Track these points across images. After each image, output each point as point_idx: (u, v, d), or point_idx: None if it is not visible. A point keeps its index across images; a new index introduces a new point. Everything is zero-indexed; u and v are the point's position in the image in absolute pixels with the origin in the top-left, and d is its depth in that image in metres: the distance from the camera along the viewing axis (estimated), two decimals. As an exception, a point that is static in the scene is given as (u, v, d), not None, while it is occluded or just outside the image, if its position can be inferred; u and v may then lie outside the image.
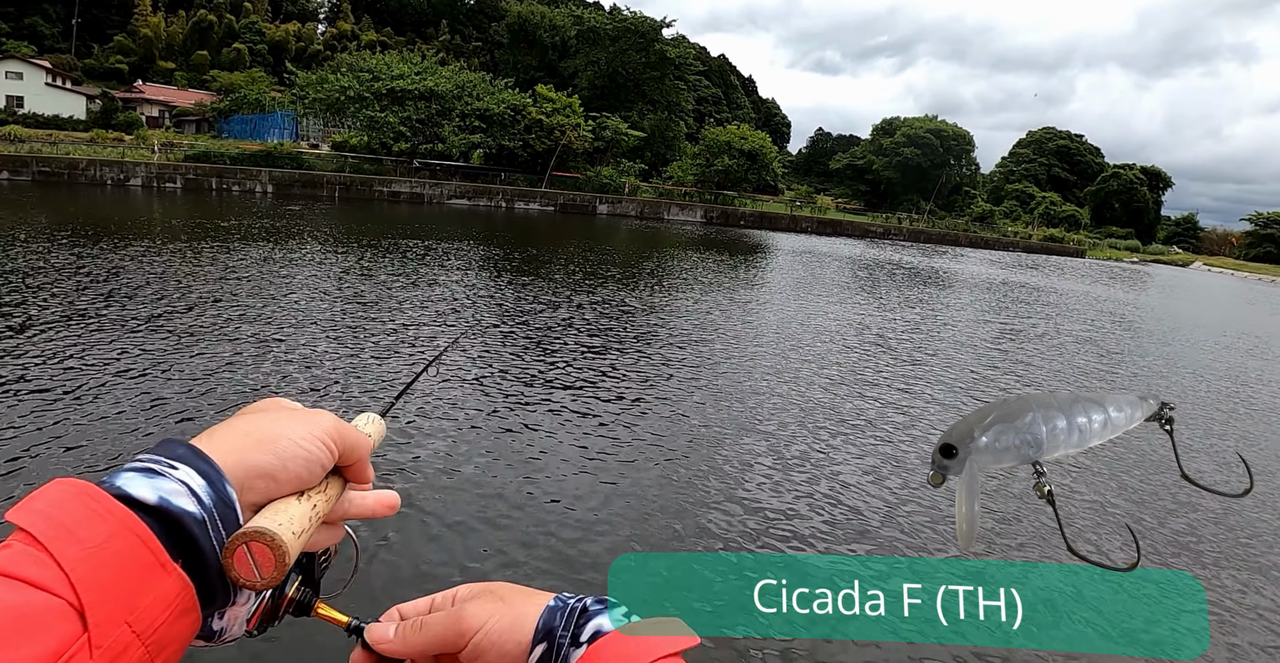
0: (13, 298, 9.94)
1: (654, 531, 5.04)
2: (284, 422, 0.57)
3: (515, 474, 5.72)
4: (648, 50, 67.92)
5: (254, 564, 0.49)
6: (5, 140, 40.33)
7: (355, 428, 0.64)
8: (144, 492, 0.47)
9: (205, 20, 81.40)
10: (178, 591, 0.45)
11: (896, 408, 8.67)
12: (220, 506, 0.49)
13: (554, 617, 0.57)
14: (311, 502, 0.57)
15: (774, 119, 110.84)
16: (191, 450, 0.51)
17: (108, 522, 0.43)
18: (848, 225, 62.76)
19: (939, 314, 17.66)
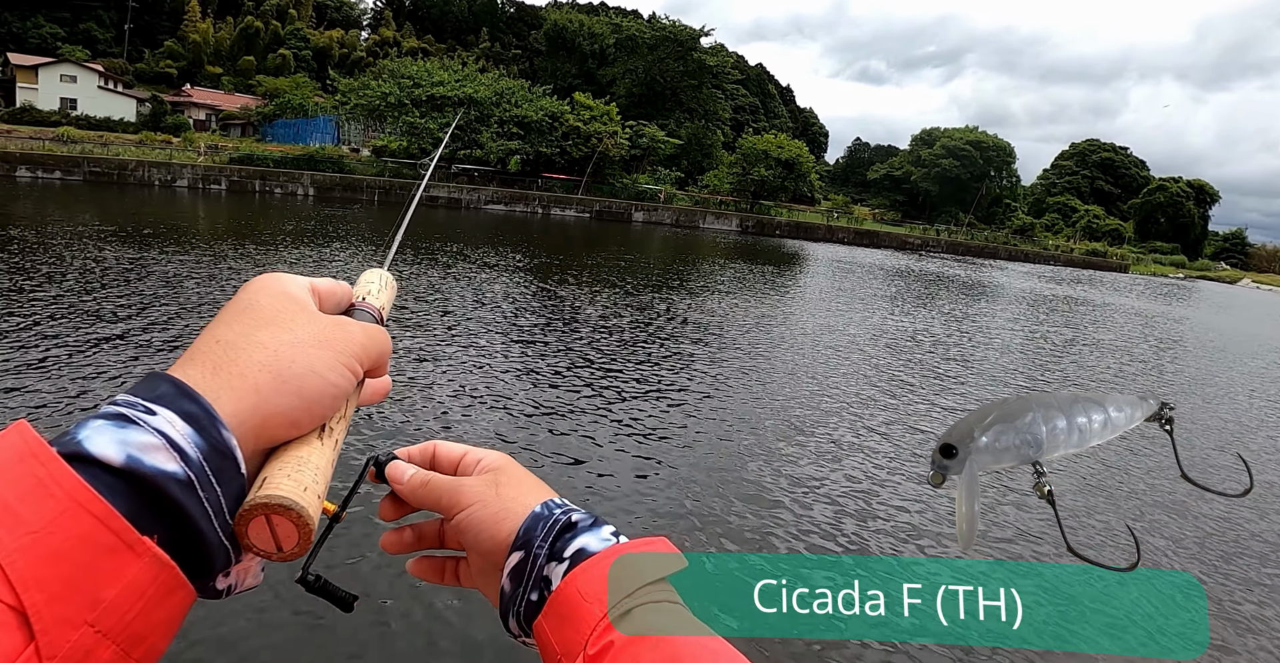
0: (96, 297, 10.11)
1: (685, 529, 4.92)
2: (305, 345, 0.48)
3: (550, 471, 5.63)
4: (686, 58, 68.00)
5: (274, 537, 0.44)
6: (59, 141, 41.45)
7: (378, 327, 0.56)
8: (108, 449, 0.38)
9: (252, 26, 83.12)
10: (153, 574, 0.37)
11: (937, 416, 8.44)
12: (213, 456, 0.41)
13: (536, 525, 0.54)
14: (334, 437, 0.51)
15: (811, 128, 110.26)
16: (174, 387, 0.42)
17: (56, 497, 0.35)
18: (884, 236, 62.14)
19: (980, 325, 17.32)
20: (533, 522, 0.54)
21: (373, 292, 0.64)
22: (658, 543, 0.54)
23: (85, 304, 9.72)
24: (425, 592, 3.89)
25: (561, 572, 0.52)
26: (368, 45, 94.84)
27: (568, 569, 0.52)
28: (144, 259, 13.65)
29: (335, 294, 0.58)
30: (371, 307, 0.61)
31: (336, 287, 0.58)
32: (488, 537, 0.55)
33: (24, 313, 8.91)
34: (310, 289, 0.54)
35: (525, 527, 0.54)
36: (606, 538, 0.54)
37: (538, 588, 0.52)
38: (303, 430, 0.48)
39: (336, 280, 0.59)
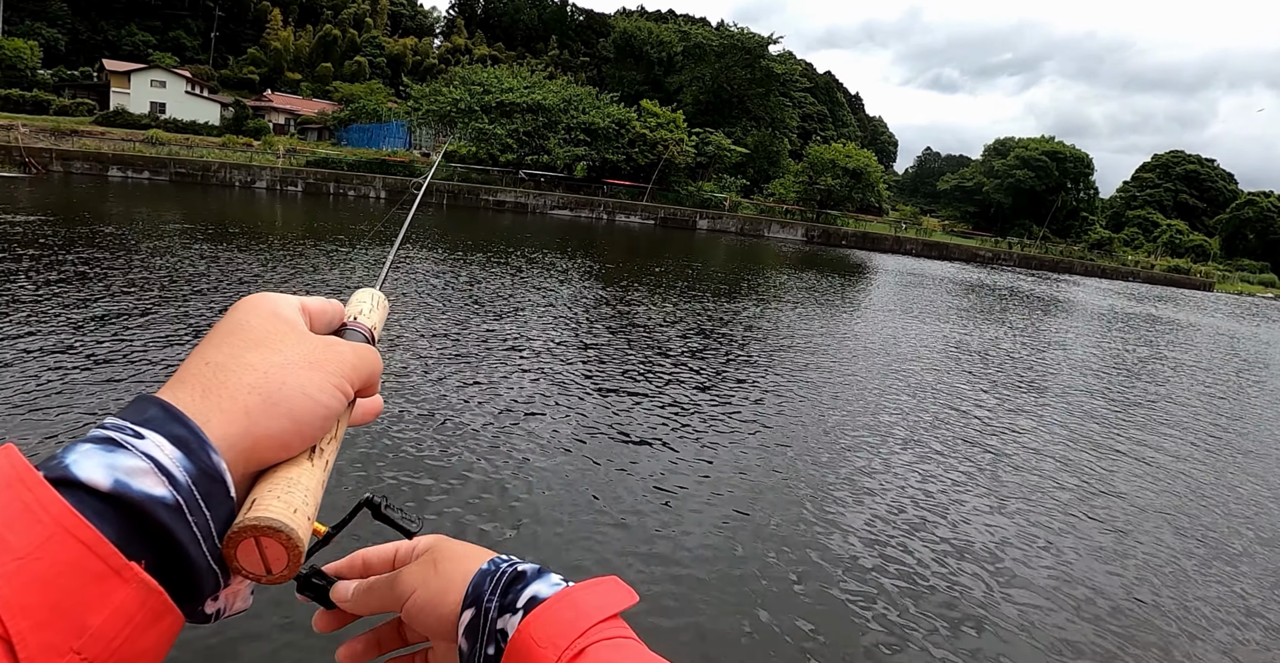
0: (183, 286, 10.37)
1: (750, 556, 4.67)
2: (295, 366, 0.48)
3: (605, 475, 5.44)
4: (753, 66, 67.63)
5: (264, 559, 0.43)
6: (148, 143, 43.21)
7: (368, 347, 0.55)
8: (95, 474, 0.37)
9: (330, 34, 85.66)
10: (140, 600, 0.36)
11: (1011, 436, 8.01)
12: (202, 479, 0.40)
13: (484, 581, 0.54)
14: (324, 459, 0.50)
15: (880, 137, 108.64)
16: (163, 410, 0.42)
17: (43, 522, 0.34)
18: (954, 248, 60.63)
19: (1053, 341, 16.61)
20: (480, 579, 0.55)
21: (364, 311, 0.63)
22: (607, 583, 0.54)
23: (172, 298, 9.95)
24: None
25: (516, 622, 0.51)
26: (440, 52, 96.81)
27: (521, 618, 0.51)
28: (229, 255, 13.99)
29: (326, 313, 0.57)
30: (363, 326, 0.61)
31: (328, 306, 0.58)
32: (436, 615, 0.54)
33: (117, 305, 9.15)
34: (301, 309, 0.54)
35: (474, 584, 0.54)
36: (556, 583, 0.54)
37: (494, 641, 0.52)
38: (293, 452, 0.47)
39: (328, 299, 0.59)
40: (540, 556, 4.37)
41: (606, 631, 0.50)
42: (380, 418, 6.20)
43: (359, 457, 5.38)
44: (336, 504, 0.51)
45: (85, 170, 37.56)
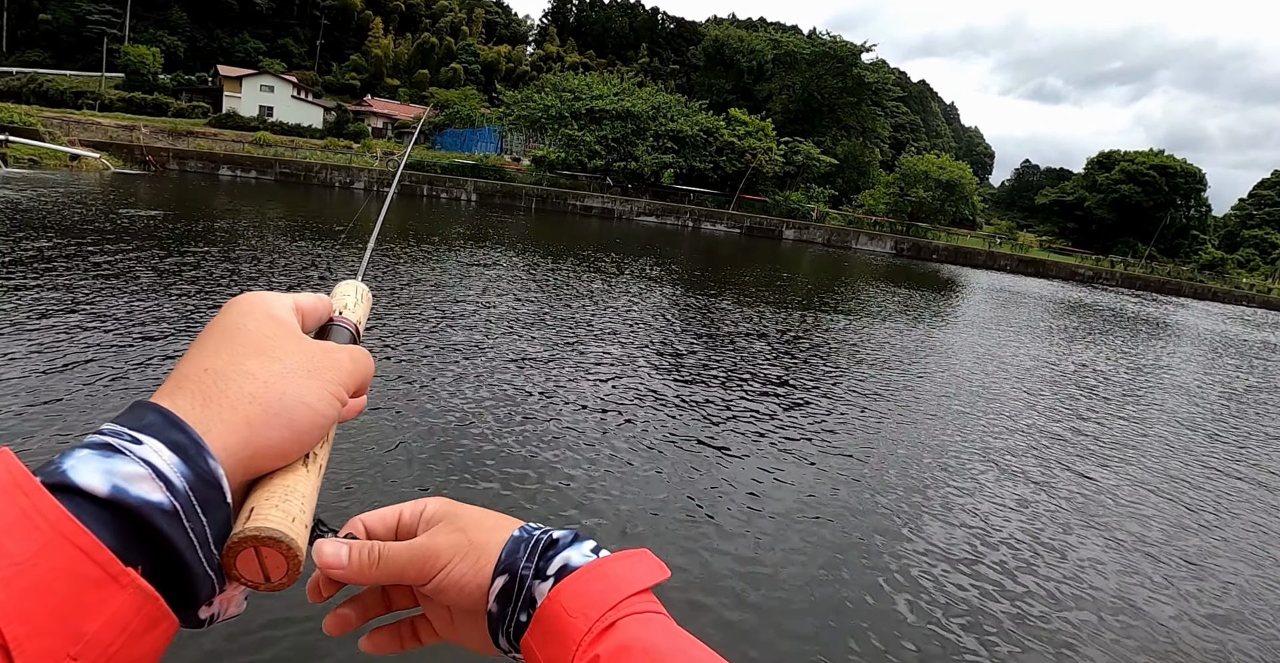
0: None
1: (825, 577, 4.31)
2: (294, 375, 0.48)
3: (688, 477, 5.17)
4: (845, 75, 66.43)
5: (263, 568, 0.43)
6: (256, 145, 45.21)
7: (361, 350, 0.56)
8: (93, 480, 0.37)
9: (428, 42, 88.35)
10: (137, 606, 0.36)
11: (1112, 465, 7.38)
12: (200, 485, 0.40)
13: (518, 548, 0.54)
14: (319, 464, 0.50)
15: (976, 149, 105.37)
16: (161, 416, 0.42)
17: (40, 528, 0.34)
18: (1052, 266, 58.04)
19: (1160, 365, 15.53)
20: (514, 545, 0.54)
21: (349, 305, 0.63)
22: (640, 555, 0.54)
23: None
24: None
25: (546, 589, 0.51)
26: (532, 60, 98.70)
27: (552, 586, 0.51)
28: (333, 253, 14.33)
29: (317, 310, 0.58)
30: (348, 321, 0.61)
31: (318, 302, 0.58)
32: (475, 587, 0.53)
33: (222, 297, 9.38)
34: (294, 309, 0.54)
35: (506, 551, 0.54)
36: (588, 553, 0.54)
37: (526, 608, 0.52)
38: (290, 460, 0.47)
39: (318, 296, 0.59)
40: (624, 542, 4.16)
41: (638, 604, 0.50)
42: (462, 411, 6.17)
43: (435, 453, 5.27)
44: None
45: (198, 169, 39.52)
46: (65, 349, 6.50)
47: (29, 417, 5.02)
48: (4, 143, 28.81)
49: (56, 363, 6.12)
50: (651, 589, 0.52)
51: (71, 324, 7.30)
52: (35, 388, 5.51)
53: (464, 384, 7.02)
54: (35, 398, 5.32)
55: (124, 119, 46.36)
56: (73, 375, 5.88)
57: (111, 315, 7.83)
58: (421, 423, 5.88)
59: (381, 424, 5.74)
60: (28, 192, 19.51)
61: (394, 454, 5.22)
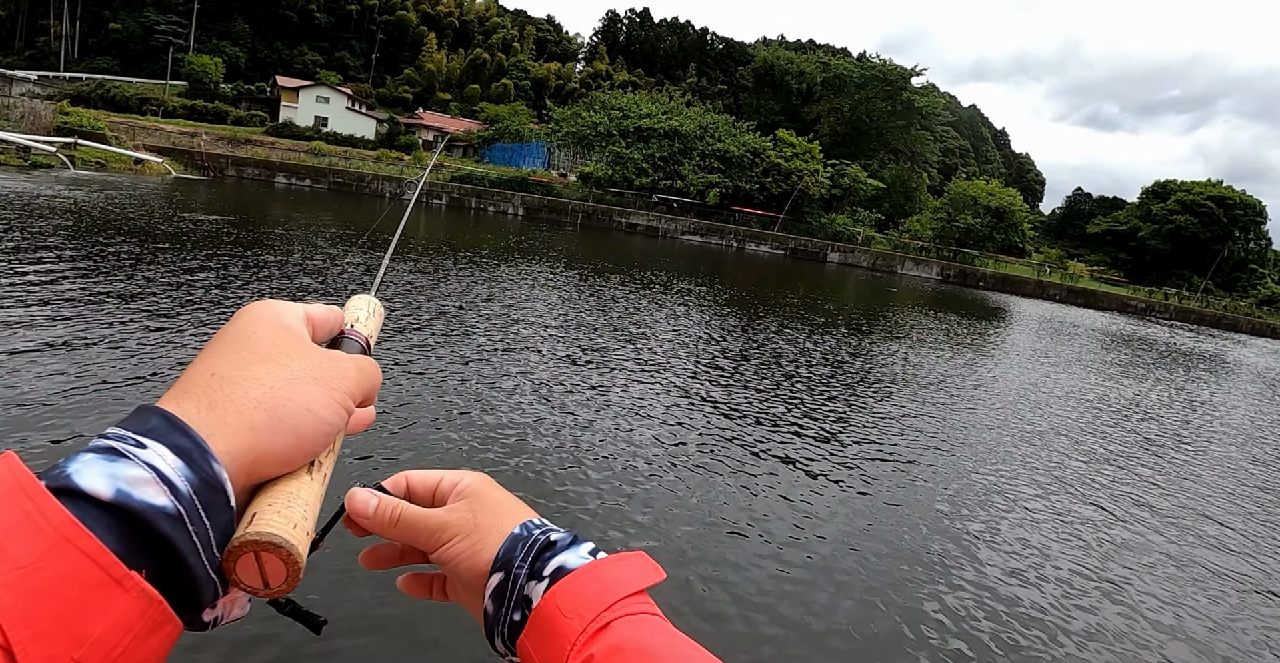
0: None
1: (855, 612, 4.10)
2: (301, 382, 0.48)
3: (730, 493, 5.00)
4: (894, 99, 66.06)
5: (262, 574, 0.43)
6: (311, 154, 46.16)
7: (369, 360, 0.56)
8: (97, 484, 0.37)
9: (480, 58, 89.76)
10: (140, 609, 0.36)
11: (1169, 502, 7.02)
12: (204, 489, 0.40)
13: (515, 546, 0.55)
14: (323, 472, 0.50)
15: (1026, 175, 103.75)
16: (165, 420, 0.42)
17: (44, 532, 0.34)
18: (1103, 297, 56.71)
19: (1216, 402, 14.95)
20: (512, 543, 0.55)
21: (361, 319, 0.64)
22: (635, 557, 0.54)
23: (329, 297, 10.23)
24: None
25: (541, 590, 0.52)
26: (582, 77, 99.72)
27: (547, 587, 0.52)
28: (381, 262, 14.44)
29: (328, 322, 0.58)
30: (359, 334, 0.61)
31: (329, 314, 0.59)
32: (467, 567, 0.55)
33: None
34: (305, 318, 0.54)
35: (505, 548, 0.55)
36: (585, 555, 0.54)
37: (520, 608, 0.52)
38: (294, 467, 0.47)
39: (329, 307, 0.59)
40: (664, 557, 4.02)
41: (632, 606, 0.50)
42: (515, 423, 6.07)
43: (478, 456, 5.18)
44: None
45: (255, 176, 40.44)
46: (139, 344, 6.58)
47: (95, 403, 5.10)
48: (74, 146, 29.76)
49: (131, 356, 6.19)
50: (647, 591, 0.52)
51: (140, 322, 7.40)
52: (109, 378, 5.56)
53: (510, 401, 6.96)
54: (104, 385, 5.37)
55: (186, 126, 47.68)
56: (139, 366, 5.93)
57: (175, 314, 7.93)
58: (469, 437, 5.82)
59: (425, 437, 5.69)
60: (97, 193, 20.06)
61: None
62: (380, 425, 5.72)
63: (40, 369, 5.72)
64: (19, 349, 6.11)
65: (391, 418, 5.93)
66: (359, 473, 4.87)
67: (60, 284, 8.68)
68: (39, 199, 16.81)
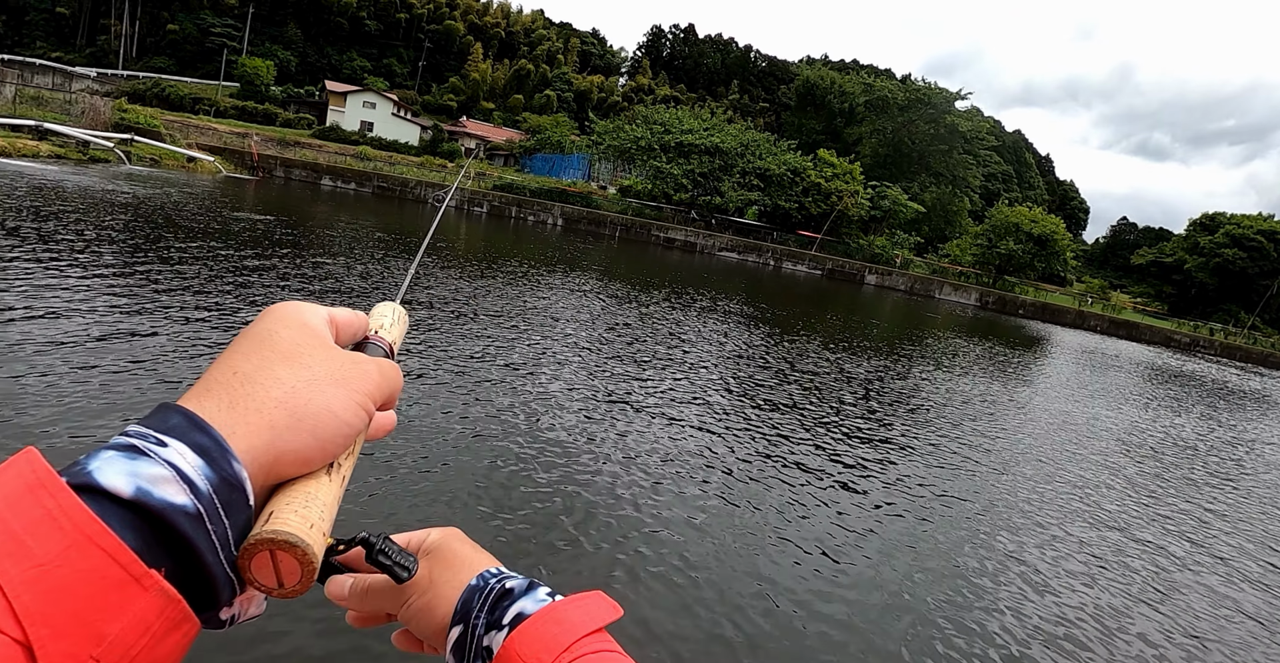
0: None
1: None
2: (322, 383, 0.48)
3: (756, 521, 4.85)
4: (938, 121, 65.58)
5: (277, 573, 0.43)
6: (357, 158, 46.83)
7: (392, 364, 0.56)
8: (117, 481, 0.37)
9: (524, 69, 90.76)
10: (159, 608, 0.36)
11: (1210, 544, 6.73)
12: (223, 488, 0.40)
13: (472, 598, 0.55)
14: (342, 474, 0.50)
15: (1070, 203, 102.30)
16: (186, 418, 0.42)
17: (64, 529, 0.34)
18: (1145, 329, 55.54)
19: (1270, 445, 14.48)
20: (469, 595, 0.55)
21: (385, 325, 0.64)
22: (592, 597, 0.54)
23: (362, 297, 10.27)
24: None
25: (501, 639, 0.52)
26: (624, 91, 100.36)
27: (507, 635, 0.52)
28: (431, 270, 14.53)
29: (352, 326, 0.58)
30: (384, 340, 0.62)
31: (354, 318, 0.58)
32: (426, 622, 0.56)
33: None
34: (329, 321, 0.55)
35: (462, 601, 0.55)
36: (542, 598, 0.54)
37: (479, 658, 0.53)
38: (313, 468, 0.47)
39: (355, 312, 0.59)
40: (688, 593, 3.89)
41: (592, 644, 0.51)
42: (532, 441, 5.95)
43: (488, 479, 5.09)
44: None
45: (302, 178, 41.08)
46: (190, 340, 6.63)
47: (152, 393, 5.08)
48: (130, 142, 30.45)
49: (186, 351, 6.23)
50: (605, 629, 0.53)
51: (196, 317, 7.47)
52: (164, 373, 5.59)
53: (545, 415, 6.90)
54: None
55: (237, 126, 48.68)
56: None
57: (228, 308, 7.99)
58: (499, 447, 5.75)
59: (457, 458, 5.63)
60: (155, 189, 20.46)
61: (464, 485, 5.09)
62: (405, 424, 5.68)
63: (109, 356, 5.77)
64: (99, 336, 6.18)
65: (426, 424, 5.90)
66: (389, 480, 4.82)
67: (125, 277, 8.81)
68: (101, 193, 17.17)
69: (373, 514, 4.28)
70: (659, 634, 3.68)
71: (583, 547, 4.41)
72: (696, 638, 3.72)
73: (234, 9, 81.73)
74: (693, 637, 3.72)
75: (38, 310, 6.78)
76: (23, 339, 5.91)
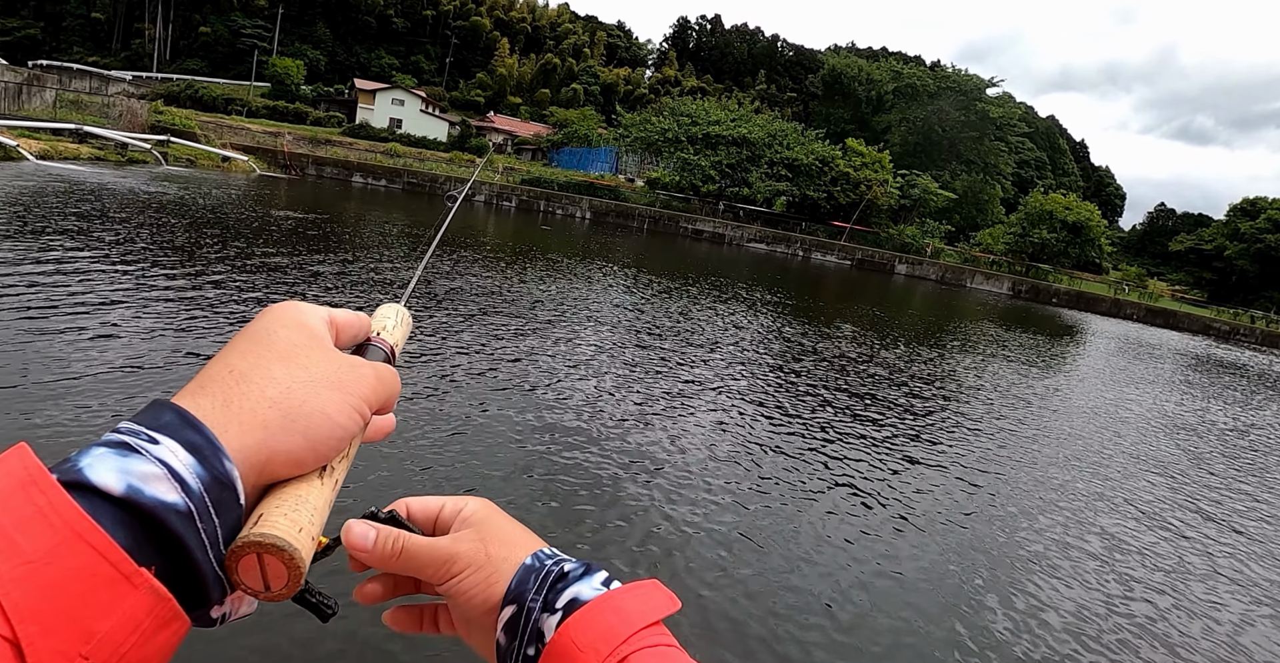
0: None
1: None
2: (317, 384, 0.48)
3: (763, 546, 4.90)
4: (968, 109, 64.71)
5: (264, 576, 0.42)
6: (387, 155, 47.33)
7: (390, 368, 0.55)
8: (109, 479, 0.37)
9: (550, 63, 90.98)
10: (149, 606, 0.36)
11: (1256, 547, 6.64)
12: (214, 486, 0.40)
13: (528, 577, 0.54)
14: (335, 477, 0.49)
15: (1105, 189, 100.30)
16: (178, 416, 0.42)
17: (55, 527, 0.34)
18: (1183, 317, 54.39)
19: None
20: (524, 574, 0.54)
21: (388, 327, 0.64)
22: (649, 587, 0.53)
23: (382, 291, 10.47)
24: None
25: (555, 623, 0.51)
26: (651, 83, 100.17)
27: (561, 620, 0.51)
28: (469, 271, 14.73)
29: (353, 327, 0.58)
30: (385, 342, 0.61)
31: (355, 319, 0.58)
32: (481, 601, 0.54)
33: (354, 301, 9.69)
34: (329, 322, 0.54)
35: (517, 579, 0.54)
36: (598, 586, 0.53)
37: (534, 642, 0.52)
38: (305, 470, 0.47)
39: (356, 313, 0.59)
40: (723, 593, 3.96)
41: (649, 638, 0.50)
42: (556, 437, 5.93)
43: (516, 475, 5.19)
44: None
45: (334, 175, 41.66)
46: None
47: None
48: (167, 143, 31.08)
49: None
50: (663, 621, 0.52)
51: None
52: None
53: (571, 399, 7.00)
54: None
55: (269, 125, 49.39)
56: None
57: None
58: (522, 436, 5.86)
59: (487, 458, 5.75)
60: (193, 189, 20.90)
61: (493, 468, 5.21)
62: (410, 428, 5.81)
63: (160, 348, 5.99)
64: (151, 330, 6.40)
65: (441, 414, 6.03)
66: (397, 479, 4.95)
67: (178, 274, 9.07)
68: (143, 194, 17.59)
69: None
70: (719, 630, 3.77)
71: (623, 529, 4.51)
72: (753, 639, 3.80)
73: (264, 10, 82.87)
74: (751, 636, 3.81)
75: (126, 318, 7.02)
76: (110, 348, 6.15)
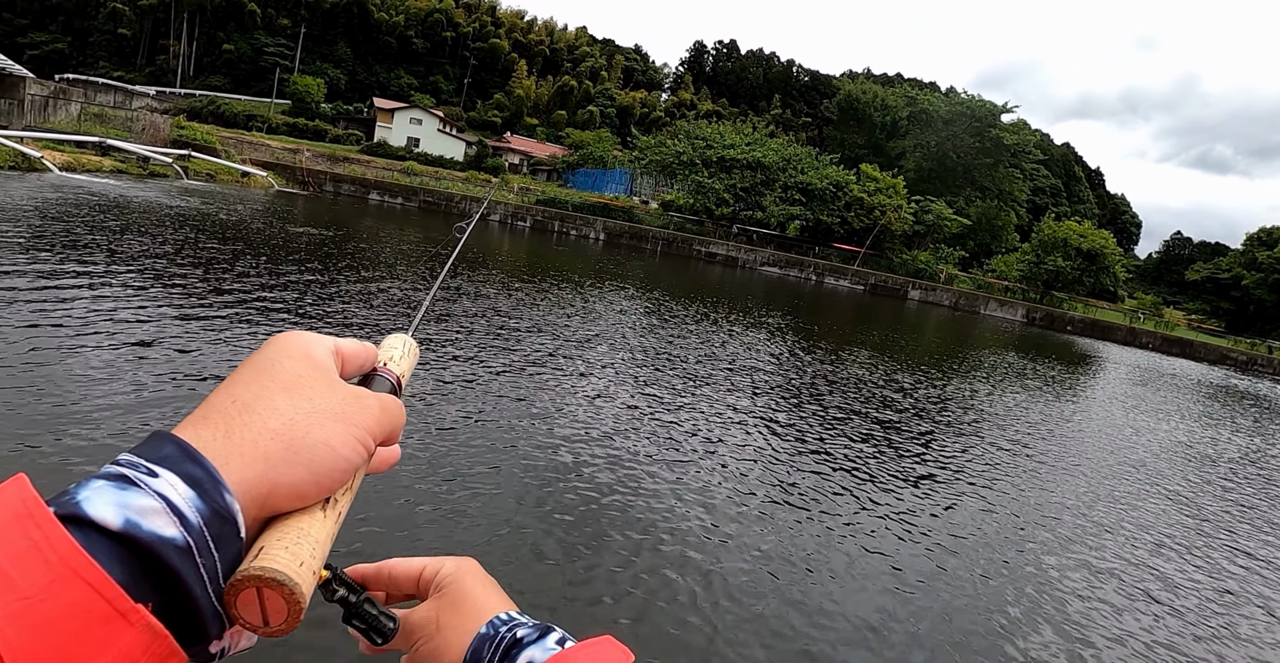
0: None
1: None
2: (321, 416, 0.47)
3: (780, 559, 4.78)
4: (983, 135, 64.76)
5: (263, 611, 0.42)
6: (404, 174, 47.72)
7: (395, 400, 0.55)
8: (106, 513, 0.36)
9: (567, 85, 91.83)
10: (144, 644, 0.35)
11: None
12: (214, 520, 0.39)
13: (482, 647, 0.55)
14: (338, 510, 0.49)
15: (1121, 217, 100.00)
16: (179, 448, 0.41)
17: (50, 562, 0.33)
18: (1200, 347, 53.87)
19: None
20: (479, 644, 0.55)
21: (395, 358, 0.63)
22: (602, 643, 0.54)
23: (396, 313, 10.45)
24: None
25: None
26: (666, 106, 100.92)
27: None
28: (480, 291, 14.74)
29: (359, 357, 0.57)
30: (391, 373, 0.61)
31: (362, 349, 0.58)
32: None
33: (378, 317, 9.68)
34: (334, 352, 0.54)
35: (472, 649, 0.55)
36: (551, 647, 0.54)
37: None
38: (308, 502, 0.46)
39: (363, 343, 0.58)
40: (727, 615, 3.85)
41: None
42: (571, 463, 5.84)
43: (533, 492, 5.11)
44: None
45: (351, 192, 41.98)
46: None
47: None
48: (188, 157, 31.42)
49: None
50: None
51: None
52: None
53: (586, 422, 6.93)
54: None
55: (289, 142, 49.93)
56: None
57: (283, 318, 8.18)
58: (539, 461, 5.79)
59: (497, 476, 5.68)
60: (211, 203, 21.08)
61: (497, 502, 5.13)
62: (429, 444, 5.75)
63: (196, 360, 5.97)
64: (163, 341, 6.39)
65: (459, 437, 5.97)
66: (405, 512, 4.88)
67: (193, 293, 9.09)
68: (166, 207, 17.74)
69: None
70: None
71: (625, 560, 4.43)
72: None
73: (286, 29, 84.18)
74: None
75: (146, 329, 7.02)
76: (131, 353, 6.14)
